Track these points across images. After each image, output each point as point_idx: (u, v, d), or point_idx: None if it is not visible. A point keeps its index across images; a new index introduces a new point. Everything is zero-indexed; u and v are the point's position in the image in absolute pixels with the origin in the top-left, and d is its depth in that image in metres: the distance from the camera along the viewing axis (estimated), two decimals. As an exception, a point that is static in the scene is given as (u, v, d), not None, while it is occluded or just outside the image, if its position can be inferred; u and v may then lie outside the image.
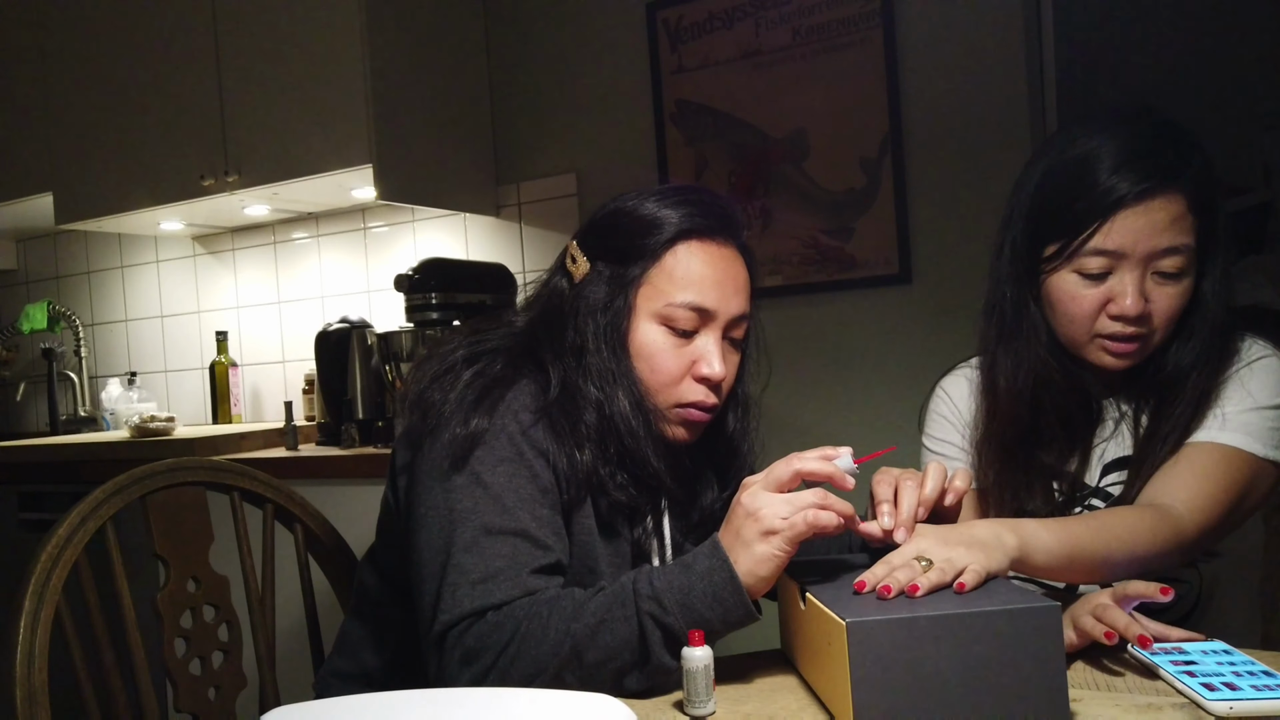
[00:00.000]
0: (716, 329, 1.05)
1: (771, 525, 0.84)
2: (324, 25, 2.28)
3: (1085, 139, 1.07)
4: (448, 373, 1.03)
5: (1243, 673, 0.81)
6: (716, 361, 1.04)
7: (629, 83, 2.45)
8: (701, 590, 0.85)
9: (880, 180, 2.18)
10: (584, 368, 1.02)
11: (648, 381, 1.04)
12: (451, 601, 0.90)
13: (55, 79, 2.71)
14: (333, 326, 2.46)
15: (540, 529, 0.94)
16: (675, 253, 1.04)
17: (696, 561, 0.87)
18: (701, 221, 1.04)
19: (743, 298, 1.08)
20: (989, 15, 2.06)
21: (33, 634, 0.94)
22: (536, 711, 0.72)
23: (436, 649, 0.90)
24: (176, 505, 1.13)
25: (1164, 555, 0.97)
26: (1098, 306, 1.07)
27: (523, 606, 0.88)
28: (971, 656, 0.73)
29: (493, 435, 0.96)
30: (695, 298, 1.03)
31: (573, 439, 1.00)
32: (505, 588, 0.90)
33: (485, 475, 0.95)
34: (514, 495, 0.94)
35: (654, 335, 1.04)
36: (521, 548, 0.92)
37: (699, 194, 1.08)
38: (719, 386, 1.06)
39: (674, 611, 0.84)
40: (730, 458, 1.15)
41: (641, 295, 1.04)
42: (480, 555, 0.91)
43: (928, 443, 1.28)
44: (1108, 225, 1.03)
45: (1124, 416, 1.14)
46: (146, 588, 1.10)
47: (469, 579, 0.90)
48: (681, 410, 1.05)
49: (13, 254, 3.46)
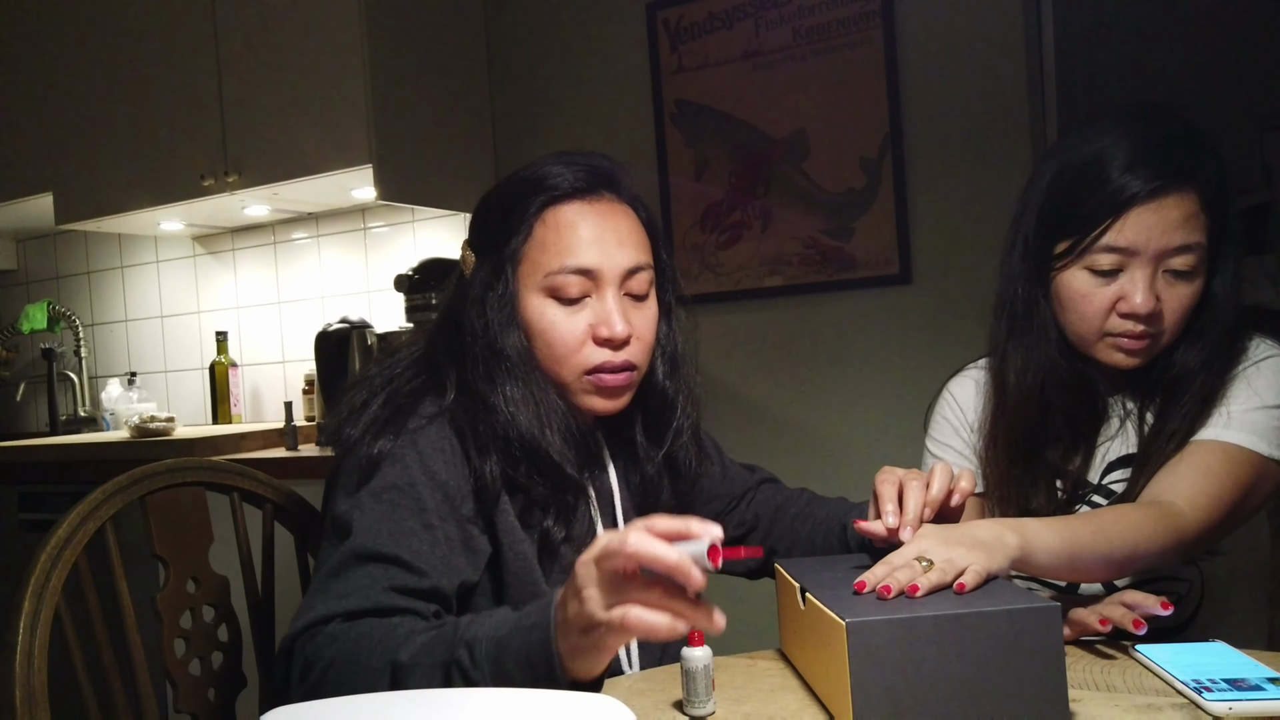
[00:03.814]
0: (610, 286, 1.00)
1: (592, 614, 0.72)
2: (324, 25, 2.28)
3: (1098, 137, 1.08)
4: (365, 404, 1.00)
5: (1243, 673, 0.81)
6: (616, 319, 0.99)
7: (629, 83, 2.45)
8: (517, 647, 0.77)
9: (880, 180, 2.18)
10: (479, 364, 0.99)
11: (547, 357, 1.01)
12: (302, 610, 0.88)
13: (55, 79, 2.71)
14: (333, 327, 2.46)
15: (416, 559, 0.90)
16: (544, 221, 1.00)
17: (528, 614, 0.79)
18: (567, 183, 1.01)
19: (630, 248, 1.01)
20: (989, 15, 2.06)
21: (32, 634, 0.93)
22: (536, 711, 0.71)
23: (283, 660, 0.87)
24: (176, 505, 1.13)
25: (1166, 553, 0.97)
26: (1109, 305, 1.07)
27: (366, 624, 0.85)
28: (971, 656, 0.73)
29: (392, 459, 0.94)
30: (573, 260, 0.98)
31: (476, 443, 0.96)
32: (356, 599, 0.87)
33: (369, 503, 0.92)
34: (392, 525, 0.91)
35: (543, 309, 1.00)
36: (390, 571, 0.89)
37: (562, 158, 1.03)
38: (626, 344, 1.01)
39: (483, 667, 0.78)
40: (665, 413, 1.09)
41: (522, 272, 1.00)
42: (345, 578, 0.89)
43: (931, 445, 1.28)
44: (1120, 222, 1.04)
45: (1129, 414, 1.14)
46: (146, 588, 1.10)
47: (325, 595, 0.88)
48: (591, 378, 1.00)
49: (13, 254, 3.46)
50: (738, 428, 2.31)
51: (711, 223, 2.37)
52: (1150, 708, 0.77)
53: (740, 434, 2.30)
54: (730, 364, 2.35)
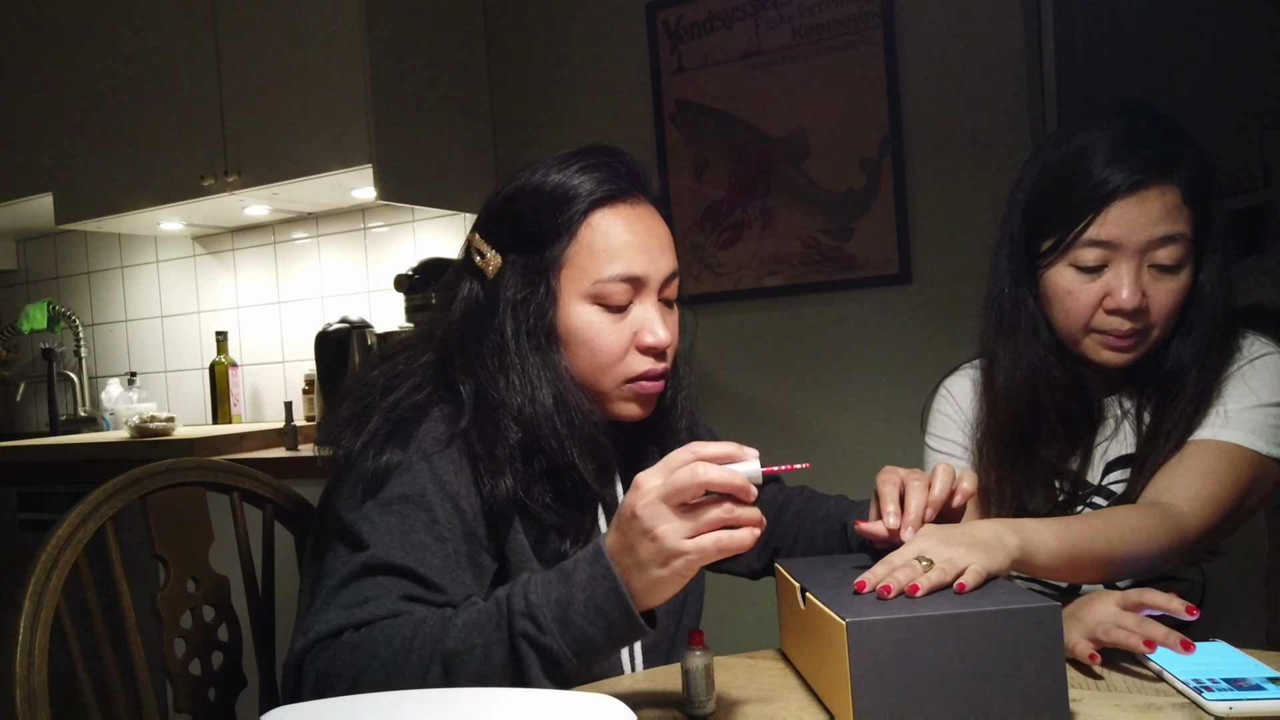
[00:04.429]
0: (652, 293, 0.98)
1: (675, 547, 0.74)
2: (324, 25, 2.28)
3: (1079, 134, 1.09)
4: (365, 411, 0.97)
5: (1243, 673, 0.81)
6: (660, 328, 0.97)
7: (629, 83, 2.45)
8: (583, 603, 0.76)
9: (880, 180, 2.18)
10: (504, 373, 0.95)
11: (589, 366, 0.97)
12: (310, 623, 0.85)
13: (55, 79, 2.71)
14: (333, 326, 2.46)
15: (430, 572, 0.87)
16: (591, 225, 0.96)
17: (577, 570, 0.78)
18: (612, 185, 0.97)
19: (670, 254, 1.00)
20: (989, 15, 2.06)
21: (32, 634, 0.93)
22: (536, 711, 0.71)
23: (293, 678, 0.84)
24: (176, 505, 1.13)
25: (1166, 554, 0.97)
26: (1095, 301, 1.07)
27: (383, 627, 0.82)
28: (971, 656, 0.73)
29: (401, 471, 0.91)
30: (624, 268, 0.96)
31: (490, 466, 0.92)
32: (370, 609, 0.84)
33: (378, 514, 0.89)
34: (404, 537, 0.88)
35: (589, 316, 0.97)
36: (403, 583, 0.86)
37: (600, 155, 1.00)
38: (665, 352, 1.00)
39: (551, 630, 0.76)
40: (667, 415, 1.08)
41: (565, 278, 0.96)
42: (355, 589, 0.86)
43: (931, 442, 1.28)
44: (1102, 216, 1.04)
45: (1125, 415, 1.14)
46: (146, 588, 1.09)
47: (335, 605, 0.85)
48: (633, 385, 0.98)
49: (13, 254, 3.46)
50: (738, 427, 2.31)
51: (711, 222, 2.37)
52: (1150, 708, 0.77)
53: (740, 433, 2.29)
54: (730, 364, 2.35)
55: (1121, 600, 0.89)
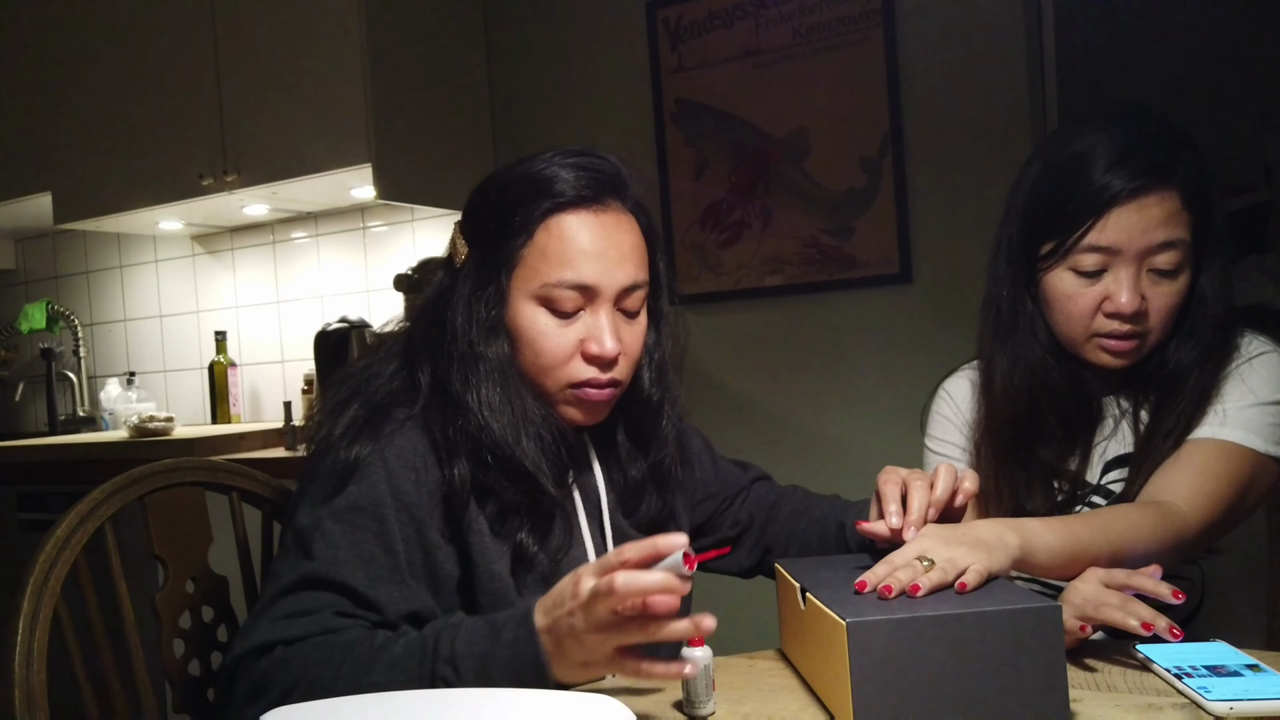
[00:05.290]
0: (604, 303, 0.97)
1: (593, 656, 0.76)
2: (324, 25, 2.27)
3: (1080, 137, 1.09)
4: (346, 403, 0.98)
5: (1243, 673, 0.81)
6: (608, 338, 0.96)
7: (629, 82, 2.45)
8: (503, 661, 0.78)
9: (880, 180, 2.18)
10: (454, 363, 0.96)
11: (533, 365, 0.97)
12: (248, 629, 0.87)
13: (55, 79, 2.71)
14: (332, 326, 2.46)
15: (370, 588, 0.88)
16: (548, 228, 0.95)
17: (505, 628, 0.79)
18: (574, 191, 0.96)
19: (631, 265, 0.98)
20: (989, 15, 2.06)
21: (31, 634, 0.93)
22: (536, 712, 0.71)
23: (228, 679, 0.86)
24: (175, 505, 1.13)
25: (1166, 553, 0.97)
26: (1094, 305, 1.07)
27: (316, 646, 0.83)
28: (971, 656, 0.73)
29: (359, 476, 0.91)
30: (573, 275, 0.94)
31: (446, 448, 0.94)
32: (302, 625, 0.85)
33: (331, 524, 0.89)
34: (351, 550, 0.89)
35: (535, 317, 0.96)
36: (340, 600, 0.87)
37: (573, 157, 0.98)
38: (614, 363, 0.98)
39: (469, 680, 0.78)
40: (649, 419, 1.06)
41: (517, 277, 0.96)
42: (295, 600, 0.87)
43: (930, 443, 1.28)
44: (1102, 222, 1.04)
45: (1124, 414, 1.15)
46: (146, 588, 1.09)
47: (271, 615, 0.86)
48: (576, 391, 0.98)
49: (11, 254, 3.46)
50: (737, 427, 2.31)
51: (711, 222, 2.37)
52: (1150, 707, 0.77)
53: (739, 433, 2.30)
54: (730, 363, 2.35)
55: (1106, 578, 0.89)
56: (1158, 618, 0.83)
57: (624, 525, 1.06)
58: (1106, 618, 0.85)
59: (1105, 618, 0.85)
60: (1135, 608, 0.85)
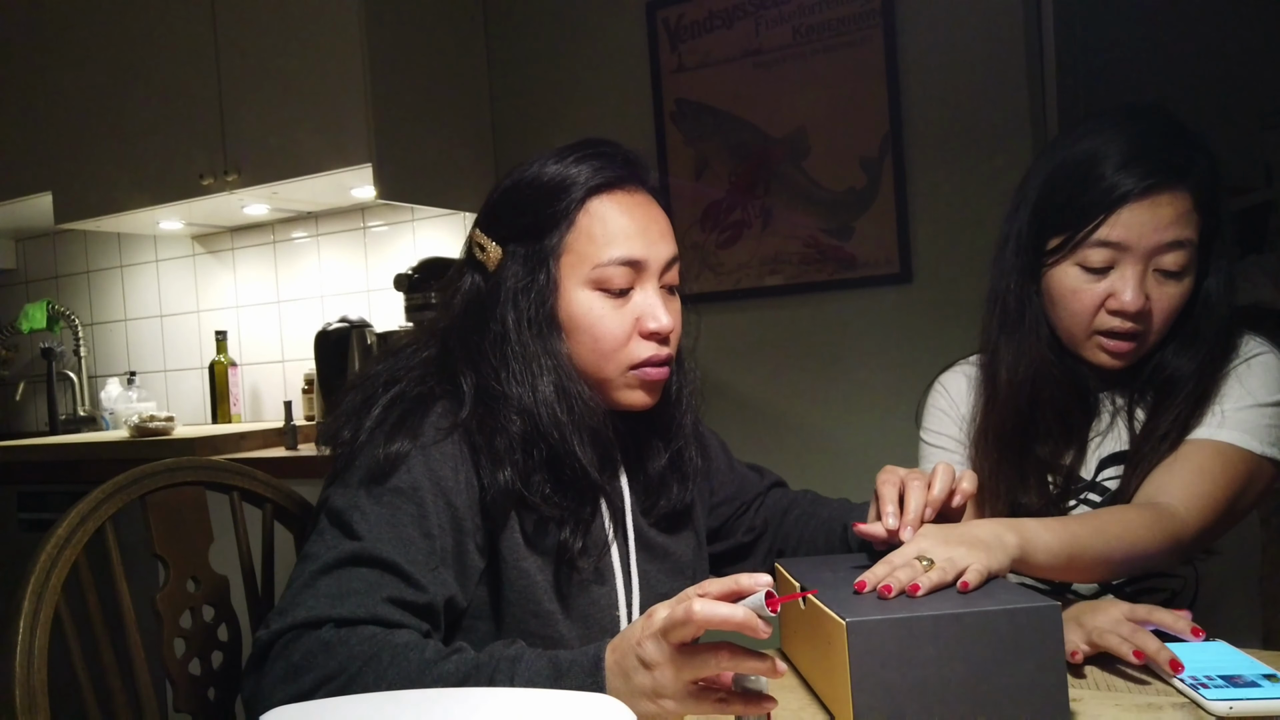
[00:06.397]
0: (652, 278, 0.99)
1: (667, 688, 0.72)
2: (324, 25, 2.27)
3: (1094, 135, 1.09)
4: (365, 403, 0.97)
5: (1243, 673, 0.81)
6: (662, 312, 0.97)
7: (629, 82, 2.45)
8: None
9: (880, 179, 2.18)
10: (505, 364, 0.95)
11: (592, 353, 0.97)
12: (289, 606, 0.83)
13: (55, 79, 2.71)
14: (332, 326, 2.46)
15: (415, 570, 0.86)
16: (589, 211, 0.97)
17: (571, 673, 0.76)
18: (607, 173, 0.98)
19: (669, 240, 1.01)
20: (989, 14, 2.06)
21: (32, 634, 0.93)
22: (536, 712, 0.71)
23: (260, 657, 0.82)
24: (176, 505, 1.13)
25: (1163, 553, 0.98)
26: (1098, 302, 1.07)
27: (365, 641, 0.80)
28: (971, 656, 0.73)
29: (399, 461, 0.90)
30: (623, 251, 0.96)
31: (490, 457, 0.93)
32: (352, 605, 0.83)
33: (370, 504, 0.89)
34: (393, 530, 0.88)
35: (590, 302, 0.97)
36: (387, 579, 0.85)
37: (595, 146, 1.01)
38: (669, 337, 1.00)
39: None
40: (671, 408, 1.07)
41: (565, 264, 0.97)
42: (339, 578, 0.85)
43: (925, 436, 1.28)
44: (1113, 218, 1.05)
45: (1119, 411, 1.15)
46: (146, 588, 1.09)
47: (317, 591, 0.84)
48: (637, 372, 0.98)
49: (12, 253, 3.46)
50: (738, 427, 2.31)
51: (711, 222, 2.37)
52: (1150, 707, 0.77)
53: (740, 433, 2.29)
54: (730, 363, 2.35)
55: (1129, 613, 0.89)
56: (1162, 651, 0.82)
57: (644, 526, 1.06)
58: (1110, 646, 0.85)
59: (1106, 644, 0.85)
60: (1142, 639, 0.84)
